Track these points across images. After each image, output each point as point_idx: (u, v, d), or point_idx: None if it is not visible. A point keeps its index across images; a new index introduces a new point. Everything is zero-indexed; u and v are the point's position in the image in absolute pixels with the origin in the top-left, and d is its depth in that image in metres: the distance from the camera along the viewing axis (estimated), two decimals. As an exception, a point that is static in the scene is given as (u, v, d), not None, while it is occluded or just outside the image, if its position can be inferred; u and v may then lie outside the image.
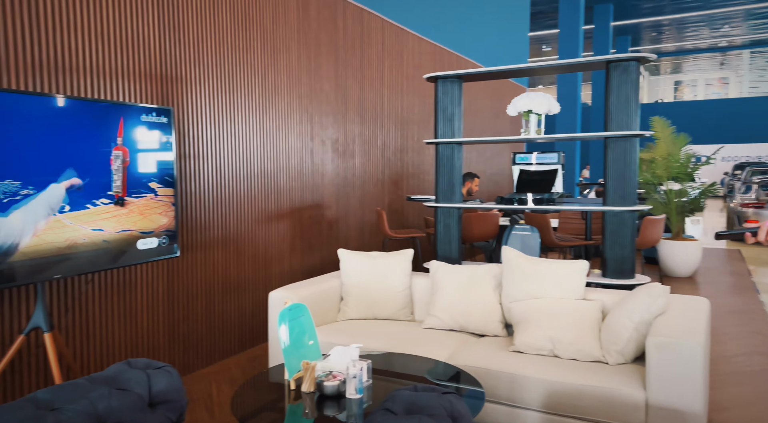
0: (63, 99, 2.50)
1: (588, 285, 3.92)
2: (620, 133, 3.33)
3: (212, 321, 3.75)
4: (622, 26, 20.41)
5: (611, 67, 3.38)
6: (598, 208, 3.34)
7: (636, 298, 2.66)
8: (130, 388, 1.50)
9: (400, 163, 6.15)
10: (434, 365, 2.53)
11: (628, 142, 3.36)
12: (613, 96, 3.37)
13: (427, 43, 6.68)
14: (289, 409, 2.10)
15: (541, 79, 28.35)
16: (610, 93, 3.38)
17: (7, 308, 2.60)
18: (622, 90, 3.34)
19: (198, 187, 3.60)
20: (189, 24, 3.50)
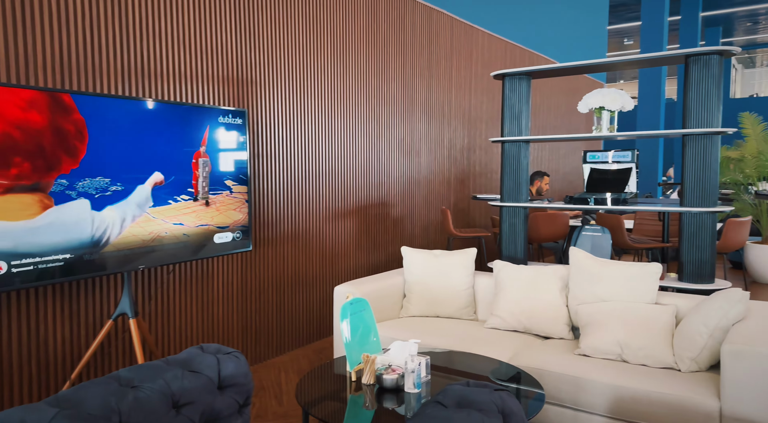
0: (152, 102, 2.70)
1: (663, 289, 3.75)
2: (699, 131, 3.16)
3: (282, 313, 3.91)
4: (713, 17, 19.11)
5: (690, 61, 3.21)
6: (675, 209, 3.19)
7: (712, 303, 2.53)
8: (201, 370, 1.61)
9: (467, 161, 6.11)
10: (494, 364, 2.53)
11: (708, 139, 3.18)
12: (692, 91, 3.20)
13: (497, 40, 6.59)
14: (350, 400, 2.17)
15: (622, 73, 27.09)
16: (689, 88, 3.21)
17: (98, 295, 2.84)
18: (702, 85, 3.16)
19: (269, 185, 3.77)
20: (263, 29, 3.66)
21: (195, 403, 1.54)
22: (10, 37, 2.47)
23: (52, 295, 2.65)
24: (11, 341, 2.51)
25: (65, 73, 2.66)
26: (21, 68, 2.51)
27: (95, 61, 2.78)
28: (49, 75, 2.60)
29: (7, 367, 2.51)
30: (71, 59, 2.68)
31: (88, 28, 2.74)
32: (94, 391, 1.37)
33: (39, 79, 2.57)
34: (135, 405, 1.40)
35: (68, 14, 2.66)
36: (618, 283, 2.94)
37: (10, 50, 2.47)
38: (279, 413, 2.97)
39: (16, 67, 2.49)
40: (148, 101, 2.69)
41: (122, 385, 1.45)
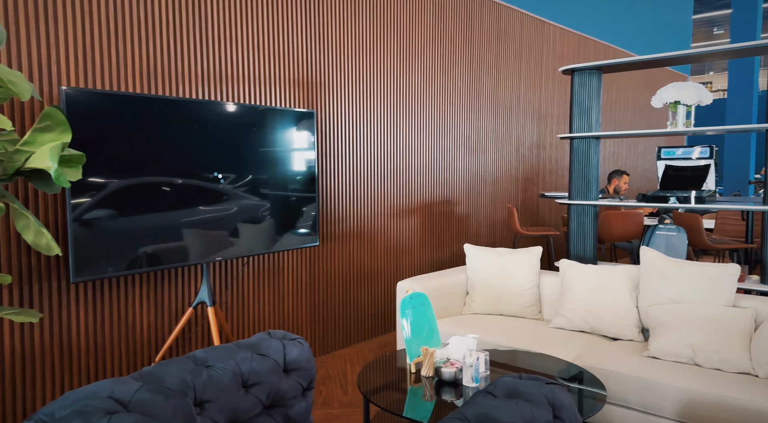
0: (233, 105, 2.89)
1: (747, 292, 3.54)
2: (787, 124, 2.95)
3: (348, 307, 4.03)
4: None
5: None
6: (756, 208, 3.00)
7: (796, 308, 2.37)
8: (269, 354, 1.73)
9: (536, 159, 6.00)
10: (556, 363, 2.50)
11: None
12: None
13: (569, 34, 6.42)
14: (410, 391, 2.23)
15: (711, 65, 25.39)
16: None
17: (180, 284, 3.07)
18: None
19: (336, 183, 3.90)
20: (331, 32, 3.79)
21: (262, 383, 1.66)
22: (105, 46, 2.72)
23: (139, 284, 2.89)
24: (104, 324, 2.77)
25: (152, 79, 2.89)
26: (113, 75, 2.75)
27: (178, 66, 3.00)
28: (138, 81, 2.84)
29: (101, 347, 2.77)
30: (157, 65, 2.91)
31: (171, 36, 2.96)
32: (173, 369, 1.52)
33: (129, 85, 2.81)
34: (209, 382, 1.53)
35: (154, 24, 2.89)
36: (692, 285, 2.82)
37: (104, 59, 2.72)
38: (344, 402, 3.08)
39: (109, 75, 2.74)
40: (228, 105, 2.88)
41: (197, 365, 1.59)
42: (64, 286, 2.62)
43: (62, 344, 2.64)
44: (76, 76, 2.63)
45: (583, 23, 7.26)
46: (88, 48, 2.66)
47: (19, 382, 2.52)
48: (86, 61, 2.66)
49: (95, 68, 2.69)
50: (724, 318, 2.60)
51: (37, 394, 2.58)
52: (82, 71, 2.64)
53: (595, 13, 7.70)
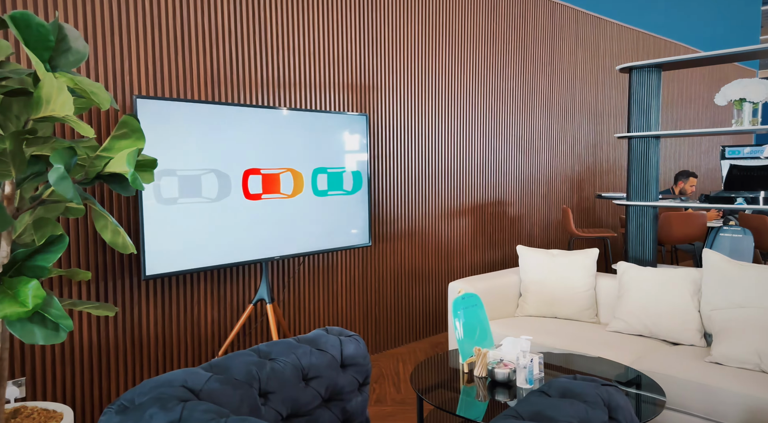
0: (287, 111, 3.00)
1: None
2: None
3: (399, 306, 4.08)
4: None
5: None
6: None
7: None
8: (327, 349, 1.80)
9: (593, 158, 5.86)
10: (613, 366, 2.47)
11: None
12: None
13: (628, 30, 6.24)
14: (462, 390, 2.26)
15: (781, 57, 23.91)
16: None
17: (241, 282, 3.21)
18: None
19: (387, 184, 3.95)
20: (383, 37, 3.86)
21: (321, 377, 1.73)
22: (172, 57, 2.88)
23: (204, 281, 3.04)
24: (171, 318, 2.93)
25: (215, 87, 3.04)
26: (180, 83, 2.91)
27: (239, 73, 3.13)
28: (202, 88, 2.99)
29: (168, 340, 2.93)
30: (219, 73, 3.06)
31: (233, 45, 3.10)
32: (239, 360, 1.61)
33: (194, 93, 2.96)
34: (272, 375, 1.61)
35: (217, 34, 3.04)
36: (758, 289, 2.70)
37: (172, 68, 2.88)
38: (397, 399, 3.13)
39: (176, 83, 2.90)
40: (283, 110, 2.99)
41: (261, 357, 1.67)
42: (135, 283, 2.80)
43: (133, 337, 2.81)
44: (146, 84, 2.80)
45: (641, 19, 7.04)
46: (157, 58, 2.83)
47: (96, 371, 2.71)
48: (155, 70, 2.82)
49: (163, 77, 2.85)
50: (794, 324, 2.49)
51: (111, 382, 2.76)
52: (151, 80, 2.81)
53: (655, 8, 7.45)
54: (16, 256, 1.68)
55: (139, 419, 1.30)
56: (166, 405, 1.32)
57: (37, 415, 1.97)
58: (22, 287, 1.65)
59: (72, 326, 1.71)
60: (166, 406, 1.32)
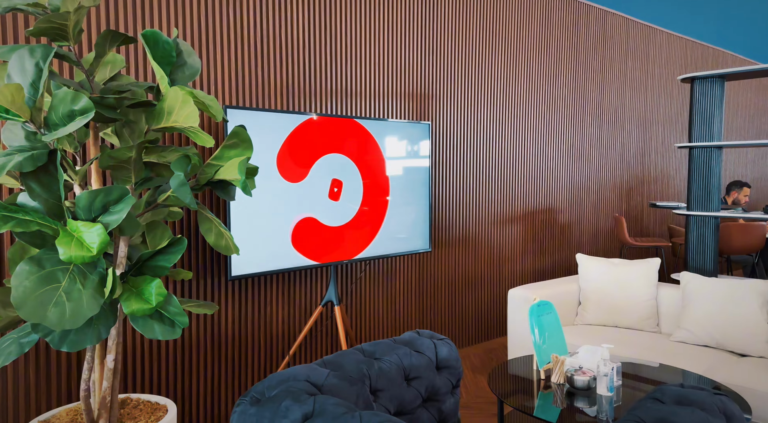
0: (361, 120, 3.10)
1: None
2: None
3: (453, 311, 4.14)
4: None
5: None
6: None
7: None
8: (423, 351, 1.88)
9: (641, 166, 5.84)
10: (689, 377, 2.49)
11: None
12: None
13: (677, 39, 6.21)
14: (540, 396, 2.31)
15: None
16: None
17: (309, 284, 3.31)
18: None
19: (445, 191, 4.03)
20: (443, 47, 3.94)
21: (421, 378, 1.81)
22: (252, 68, 3.00)
23: (276, 282, 3.16)
24: (248, 317, 3.05)
25: (290, 96, 3.16)
26: (260, 94, 3.04)
27: (310, 84, 3.25)
28: (278, 98, 3.11)
29: (244, 338, 3.05)
30: (293, 84, 3.17)
31: (307, 56, 3.22)
32: (349, 358, 1.70)
33: (271, 102, 3.08)
34: (380, 373, 1.70)
35: (292, 46, 3.16)
36: (834, 303, 2.70)
37: (252, 79, 3.01)
38: (461, 404, 3.19)
39: (256, 93, 3.02)
40: (357, 120, 3.09)
41: (366, 356, 1.76)
42: (220, 283, 2.92)
43: (213, 334, 2.93)
44: (230, 94, 2.92)
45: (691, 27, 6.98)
46: (240, 68, 2.95)
47: (179, 365, 2.83)
48: (238, 81, 2.95)
49: (245, 87, 2.98)
50: None
51: (193, 375, 2.88)
52: (234, 90, 2.94)
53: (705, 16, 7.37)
54: (141, 257, 1.80)
55: (276, 411, 1.39)
56: (298, 398, 1.41)
57: (144, 406, 2.10)
58: (146, 286, 1.77)
59: (187, 323, 1.82)
60: (299, 399, 1.41)
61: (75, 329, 1.67)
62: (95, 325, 1.71)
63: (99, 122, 1.87)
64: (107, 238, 1.59)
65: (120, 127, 1.95)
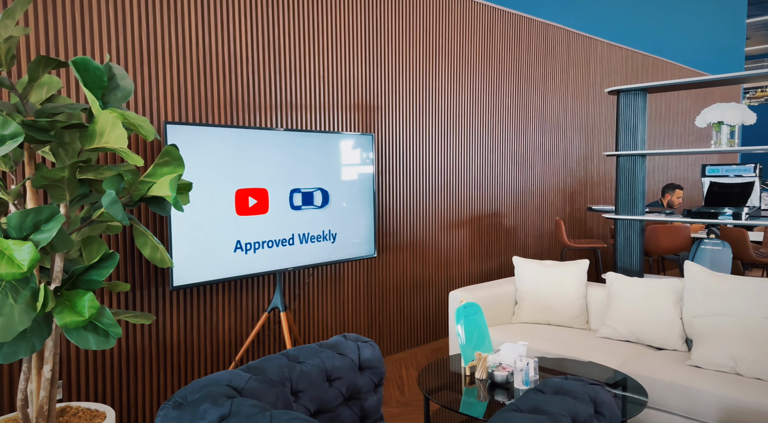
0: (303, 133, 3.23)
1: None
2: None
3: (402, 314, 4.31)
4: None
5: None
6: (802, 224, 3.09)
7: (836, 322, 2.49)
8: (347, 353, 2.02)
9: (584, 171, 6.13)
10: (601, 369, 2.70)
11: (841, 152, 3.06)
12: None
13: (618, 49, 6.53)
14: (465, 391, 2.48)
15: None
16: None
17: (256, 292, 3.42)
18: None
19: (390, 198, 4.19)
20: (388, 59, 4.10)
21: (343, 378, 1.95)
22: (195, 83, 3.11)
23: (222, 291, 3.26)
24: (193, 326, 3.15)
25: (234, 110, 3.27)
26: (202, 108, 3.14)
27: (255, 98, 3.37)
28: (223, 112, 3.22)
29: (190, 346, 3.14)
30: (237, 98, 3.29)
31: (251, 71, 3.34)
32: (273, 363, 1.83)
33: (215, 117, 3.19)
34: (301, 376, 1.84)
35: (236, 60, 3.27)
36: (735, 298, 2.95)
37: (195, 94, 3.11)
38: (402, 401, 3.36)
39: (199, 108, 3.13)
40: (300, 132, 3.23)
41: (290, 360, 1.90)
42: (162, 293, 3.01)
43: (158, 344, 3.02)
44: (172, 109, 3.02)
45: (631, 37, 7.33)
46: (181, 85, 3.05)
47: (124, 375, 2.91)
48: (180, 96, 3.05)
49: (187, 102, 3.08)
50: (765, 330, 2.74)
51: (138, 386, 2.97)
52: (177, 105, 3.04)
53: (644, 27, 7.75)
54: (74, 272, 1.90)
55: (195, 414, 1.51)
56: (216, 401, 1.54)
57: (83, 414, 2.18)
58: (79, 299, 1.87)
59: (120, 333, 1.93)
60: (217, 402, 1.54)
61: (8, 342, 1.76)
62: (29, 337, 1.80)
63: (33, 143, 1.96)
64: (38, 255, 1.68)
65: (56, 147, 2.04)
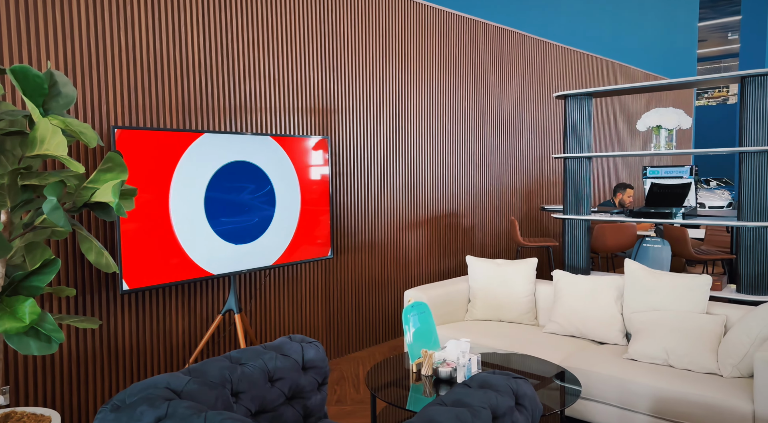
0: (258, 135, 3.27)
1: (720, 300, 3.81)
2: (755, 149, 3.24)
3: (360, 313, 4.38)
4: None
5: (747, 81, 3.30)
6: (727, 223, 3.28)
7: (756, 314, 2.67)
8: (290, 354, 2.08)
9: (540, 172, 6.30)
10: (542, 364, 2.82)
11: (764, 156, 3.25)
12: (747, 111, 3.29)
13: (572, 52, 6.72)
14: (411, 388, 2.57)
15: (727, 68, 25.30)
16: (745, 108, 3.30)
17: (210, 294, 3.45)
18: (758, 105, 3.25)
19: (347, 200, 4.26)
20: (343, 62, 4.16)
21: (285, 379, 2.01)
22: (146, 87, 3.11)
23: (175, 294, 3.28)
24: (145, 329, 3.16)
25: (188, 115, 3.28)
26: (153, 113, 3.15)
27: (209, 101, 3.39)
28: (175, 117, 3.23)
29: (143, 349, 3.15)
30: (190, 102, 3.30)
31: (203, 74, 3.35)
32: (213, 365, 1.88)
33: (167, 121, 3.20)
34: (242, 377, 1.89)
35: (188, 64, 3.29)
36: (670, 294, 3.11)
37: (146, 98, 3.12)
38: (356, 399, 3.43)
39: (150, 113, 3.13)
40: (246, 135, 3.26)
41: (233, 363, 1.95)
42: (113, 297, 3.02)
43: (110, 347, 3.03)
44: (122, 114, 3.02)
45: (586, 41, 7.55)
46: (132, 89, 3.06)
47: (75, 378, 2.91)
48: (130, 100, 3.05)
49: (138, 106, 3.08)
50: (695, 324, 2.90)
51: (90, 388, 2.97)
52: (127, 109, 3.04)
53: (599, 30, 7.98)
54: (14, 278, 1.91)
55: (131, 416, 1.55)
56: (153, 403, 1.58)
57: (27, 419, 2.19)
58: (20, 305, 1.88)
59: (63, 339, 1.95)
60: (154, 404, 1.58)
61: (-54, 350, 1.76)
62: (-33, 344, 1.80)
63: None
64: (-26, 263, 1.69)
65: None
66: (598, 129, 7.36)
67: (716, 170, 20.10)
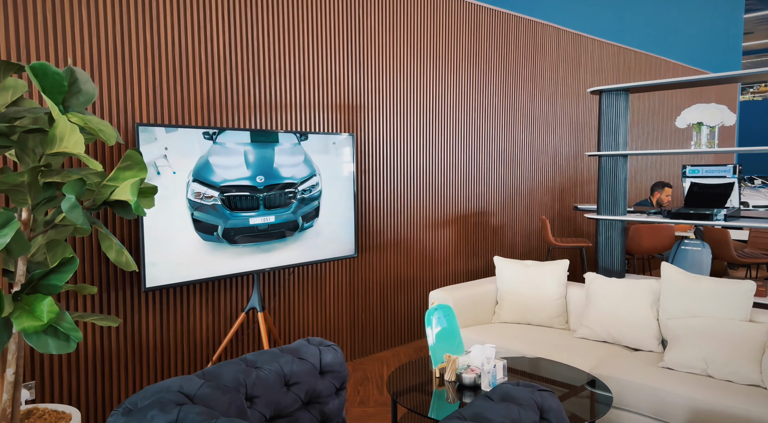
0: (284, 133, 3.23)
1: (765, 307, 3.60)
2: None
3: (385, 313, 4.31)
4: None
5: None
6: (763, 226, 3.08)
7: (805, 325, 2.49)
8: (307, 358, 2.03)
9: (574, 170, 6.11)
10: (571, 371, 2.70)
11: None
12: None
13: (609, 46, 6.49)
14: (434, 393, 2.49)
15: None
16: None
17: (234, 292, 3.43)
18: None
19: (373, 197, 4.19)
20: (372, 57, 4.09)
21: (301, 383, 1.96)
22: (171, 84, 3.11)
23: (199, 291, 3.27)
24: (169, 327, 3.16)
25: (212, 112, 3.27)
26: (179, 110, 3.14)
27: (234, 99, 3.36)
28: (199, 114, 3.22)
29: (166, 347, 3.16)
30: (216, 99, 3.28)
31: (229, 72, 3.33)
32: (228, 369, 1.84)
33: (192, 119, 3.19)
34: (257, 381, 1.84)
35: (213, 61, 3.27)
36: (710, 300, 2.95)
37: (170, 95, 3.11)
38: (380, 401, 3.37)
39: (175, 109, 3.13)
40: (279, 132, 3.23)
41: (248, 366, 1.90)
42: (135, 294, 3.03)
43: (134, 344, 3.04)
44: (147, 111, 3.02)
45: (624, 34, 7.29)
46: (157, 86, 3.05)
47: (99, 376, 2.93)
48: (155, 98, 3.05)
49: (162, 104, 3.08)
50: (737, 332, 2.73)
51: (114, 386, 2.98)
52: (151, 107, 3.04)
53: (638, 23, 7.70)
54: (33, 276, 1.91)
55: (142, 420, 1.52)
56: (165, 408, 1.55)
57: (48, 416, 2.20)
58: (38, 304, 1.88)
59: (81, 338, 1.94)
60: (165, 408, 1.55)
61: (-35, 347, 1.77)
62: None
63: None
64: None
65: (18, 151, 2.05)
66: (635, 125, 7.11)
67: (762, 168, 19.29)
